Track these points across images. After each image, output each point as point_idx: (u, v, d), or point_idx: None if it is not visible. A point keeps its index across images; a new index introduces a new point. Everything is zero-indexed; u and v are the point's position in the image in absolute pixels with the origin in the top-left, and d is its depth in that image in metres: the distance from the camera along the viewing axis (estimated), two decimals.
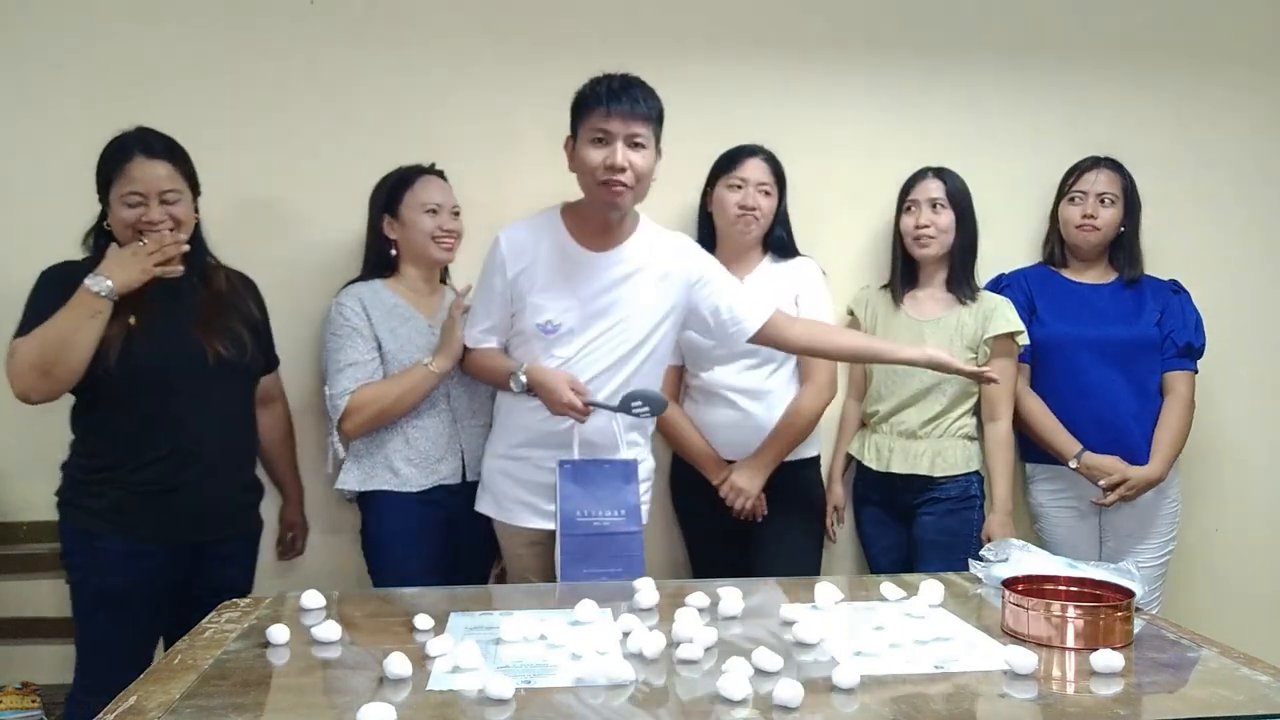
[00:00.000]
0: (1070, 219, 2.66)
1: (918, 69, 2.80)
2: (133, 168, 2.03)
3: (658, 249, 2.18)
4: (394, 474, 2.28)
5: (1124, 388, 2.60)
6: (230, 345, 2.11)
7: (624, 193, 2.03)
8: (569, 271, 2.12)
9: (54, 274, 2.06)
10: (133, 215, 2.03)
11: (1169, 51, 2.88)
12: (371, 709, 1.23)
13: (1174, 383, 2.63)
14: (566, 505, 2.08)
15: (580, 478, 2.10)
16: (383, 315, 2.30)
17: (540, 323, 2.11)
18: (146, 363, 2.01)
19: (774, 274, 2.49)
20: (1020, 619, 1.56)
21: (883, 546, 2.59)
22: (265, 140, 2.55)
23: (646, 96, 2.03)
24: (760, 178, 2.43)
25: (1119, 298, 2.66)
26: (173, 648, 1.55)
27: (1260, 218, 2.93)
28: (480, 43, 2.64)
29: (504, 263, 2.13)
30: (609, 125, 1.99)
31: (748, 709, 1.29)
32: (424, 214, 2.33)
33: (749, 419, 2.42)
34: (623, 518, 2.09)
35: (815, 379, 2.46)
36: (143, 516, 2.03)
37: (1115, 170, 2.66)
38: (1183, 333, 2.63)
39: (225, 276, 2.21)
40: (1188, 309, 2.67)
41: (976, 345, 2.52)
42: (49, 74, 2.50)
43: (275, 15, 2.57)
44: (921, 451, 2.51)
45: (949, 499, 2.50)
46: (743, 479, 2.40)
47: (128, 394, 2.02)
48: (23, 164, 2.49)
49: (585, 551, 2.06)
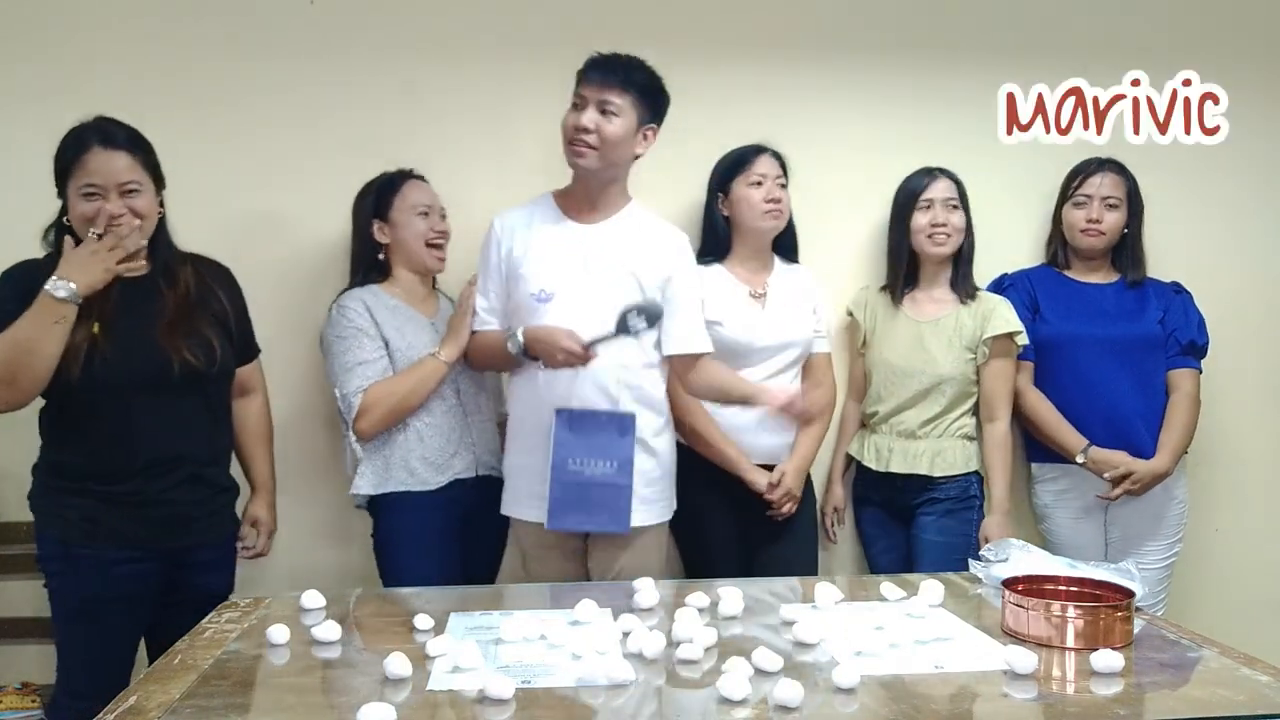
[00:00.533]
0: (1074, 223, 2.65)
1: (915, 69, 2.79)
2: (90, 159, 1.95)
3: (649, 227, 2.24)
4: (410, 474, 2.27)
5: (1129, 385, 2.59)
6: (198, 352, 2.01)
7: (586, 153, 2.10)
8: (559, 242, 2.18)
9: (13, 274, 1.98)
10: (90, 208, 1.94)
11: (1168, 51, 2.87)
12: (371, 709, 1.23)
13: (1179, 380, 2.63)
14: (560, 451, 2.08)
15: (576, 426, 2.10)
16: (387, 315, 2.30)
17: (534, 291, 2.14)
18: (110, 377, 1.93)
19: (789, 279, 2.53)
20: (1020, 619, 1.56)
21: (882, 547, 2.59)
22: (260, 142, 2.55)
23: (628, 68, 2.10)
24: (777, 172, 2.47)
25: (1122, 297, 2.65)
26: (172, 648, 1.55)
27: (1261, 217, 2.93)
28: (477, 44, 2.64)
29: (498, 240, 2.20)
30: (584, 90, 2.10)
31: (748, 709, 1.29)
32: (415, 216, 2.35)
33: (770, 422, 2.41)
34: (614, 469, 2.09)
35: (824, 385, 2.55)
36: (117, 526, 1.97)
37: (1119, 173, 2.65)
38: (1185, 331, 2.63)
39: (193, 270, 2.10)
40: (1190, 309, 2.66)
41: (975, 345, 2.53)
42: (36, 72, 2.49)
43: (272, 16, 2.56)
44: (921, 451, 2.51)
45: (949, 499, 2.51)
46: (793, 481, 2.44)
47: (91, 407, 1.95)
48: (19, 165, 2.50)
49: (573, 499, 2.07)
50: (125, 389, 1.95)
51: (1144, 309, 2.64)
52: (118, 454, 1.97)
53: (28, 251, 2.06)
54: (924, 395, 2.53)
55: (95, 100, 2.23)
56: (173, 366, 1.98)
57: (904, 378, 2.53)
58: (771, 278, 2.51)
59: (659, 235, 2.24)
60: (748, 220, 2.46)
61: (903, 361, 2.54)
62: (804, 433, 2.47)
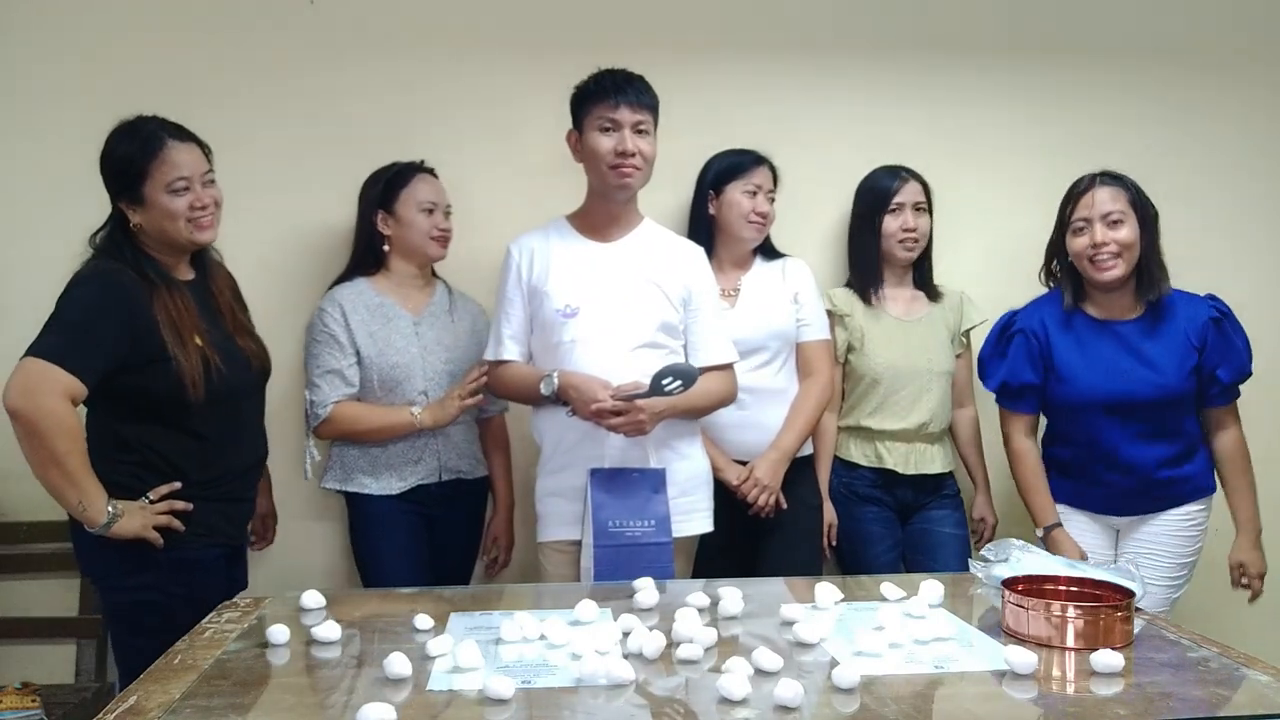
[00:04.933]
0: (1080, 252, 2.31)
1: (908, 68, 2.80)
2: (170, 153, 1.93)
3: (667, 241, 2.26)
4: (373, 478, 2.34)
5: (1156, 447, 2.32)
6: (260, 350, 2.11)
7: (634, 174, 2.13)
8: (581, 262, 2.18)
9: (97, 292, 1.88)
10: (183, 203, 1.93)
11: (1166, 51, 2.87)
12: (371, 709, 1.23)
13: (1223, 420, 2.37)
14: (599, 514, 2.07)
15: (611, 487, 2.10)
16: (363, 319, 2.32)
17: (559, 307, 2.15)
18: (225, 386, 1.96)
19: (769, 274, 2.52)
20: (1020, 619, 1.56)
21: (885, 546, 2.58)
22: (262, 137, 2.55)
23: (647, 89, 2.16)
24: (770, 185, 2.50)
25: (1146, 341, 2.32)
26: (172, 648, 1.55)
27: (1262, 217, 2.93)
28: (478, 42, 2.64)
29: (518, 264, 2.20)
30: (617, 115, 2.11)
31: (748, 709, 1.29)
32: (420, 213, 2.36)
33: (754, 418, 2.42)
34: (653, 528, 2.09)
35: (818, 374, 2.49)
36: (211, 524, 1.99)
37: (1115, 183, 2.32)
38: (1229, 368, 2.32)
39: (226, 273, 2.17)
40: (1233, 337, 2.33)
41: (955, 338, 2.62)
42: (42, 72, 2.50)
43: (273, 16, 2.57)
44: (933, 450, 2.55)
45: (955, 494, 2.58)
46: (765, 473, 2.38)
47: (209, 414, 1.95)
48: (20, 166, 2.50)
49: (618, 562, 2.05)
50: (236, 396, 2.01)
51: (1172, 352, 2.31)
52: (228, 454, 2.01)
53: (40, 248, 2.08)
54: (927, 393, 2.55)
55: (96, 100, 2.24)
56: (252, 366, 2.05)
57: (909, 378, 2.54)
58: (747, 276, 2.51)
59: (677, 249, 2.26)
60: (733, 226, 2.48)
61: (905, 361, 2.54)
62: (786, 426, 2.42)
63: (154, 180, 1.92)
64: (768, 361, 2.45)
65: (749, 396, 2.41)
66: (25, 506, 2.49)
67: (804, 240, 2.66)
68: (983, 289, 2.69)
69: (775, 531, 2.43)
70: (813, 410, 2.46)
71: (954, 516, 2.57)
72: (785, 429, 2.43)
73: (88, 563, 2.02)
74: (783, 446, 2.41)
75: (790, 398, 2.47)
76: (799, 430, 2.43)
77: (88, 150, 1.98)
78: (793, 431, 2.42)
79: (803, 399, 2.46)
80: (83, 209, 2.02)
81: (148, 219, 1.95)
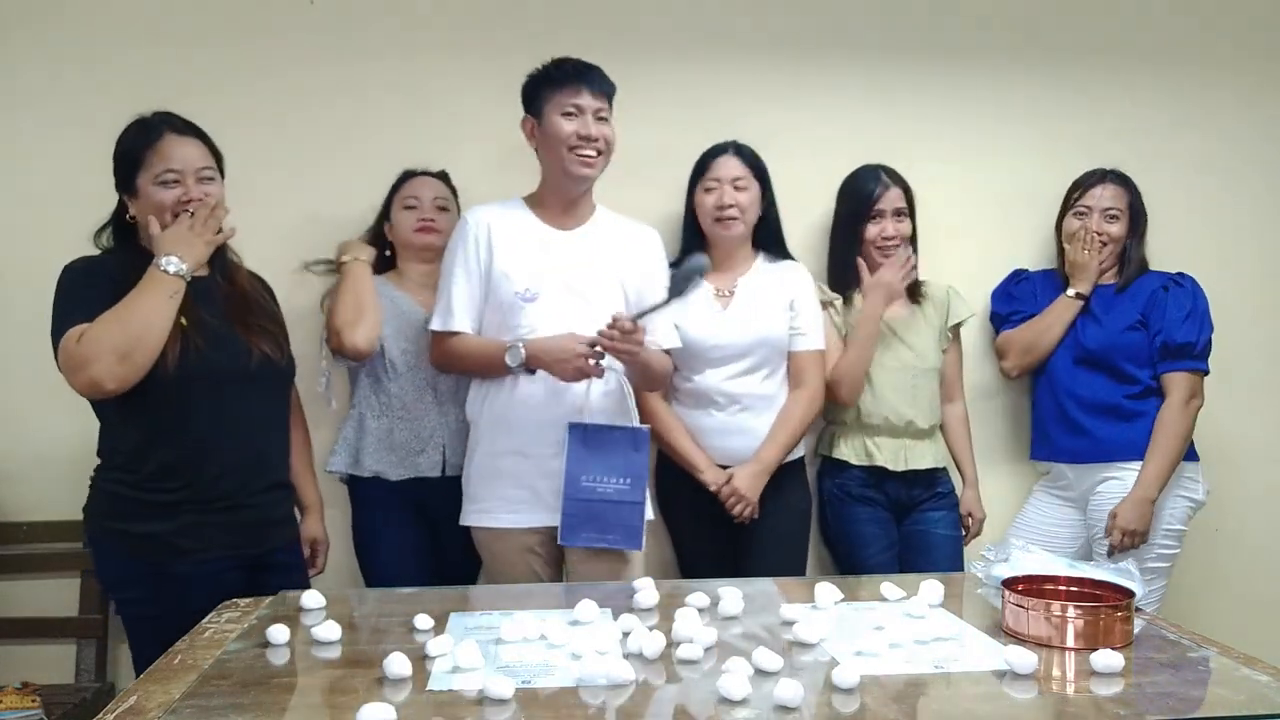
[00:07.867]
0: (1074, 233, 2.62)
1: (903, 68, 2.80)
2: (165, 145, 1.91)
3: (623, 228, 2.27)
4: (377, 460, 2.34)
5: (1103, 393, 2.56)
6: (270, 345, 2.01)
7: (595, 159, 2.15)
8: (539, 246, 2.19)
9: (82, 267, 1.92)
10: (170, 196, 1.90)
11: (1165, 51, 2.87)
12: (371, 709, 1.23)
13: (1167, 386, 2.55)
14: (573, 467, 2.07)
15: (590, 442, 2.09)
16: (387, 305, 2.36)
17: (518, 290, 2.14)
18: (204, 367, 1.89)
19: (768, 276, 2.49)
20: (1020, 619, 1.56)
21: (881, 546, 2.57)
22: (262, 137, 2.55)
23: (605, 77, 2.19)
24: (735, 173, 2.42)
25: (1105, 302, 2.61)
26: (172, 648, 1.55)
27: (1261, 217, 2.93)
28: (479, 42, 2.65)
29: (475, 236, 2.19)
30: (580, 100, 2.13)
31: (748, 709, 1.29)
32: (403, 210, 2.41)
33: (739, 424, 2.41)
34: (627, 486, 2.08)
35: (807, 385, 2.46)
36: (213, 535, 1.92)
37: (1121, 184, 2.62)
38: (1170, 331, 2.53)
39: (247, 274, 2.12)
40: (1178, 304, 2.55)
41: (941, 334, 2.62)
42: (52, 78, 2.50)
43: (275, 18, 2.57)
44: (926, 447, 2.56)
45: (949, 492, 2.58)
46: (744, 484, 2.37)
47: (187, 399, 1.89)
48: (29, 167, 2.50)
49: (586, 517, 2.06)
50: (219, 380, 1.92)
51: (1120, 311, 2.58)
52: (214, 449, 1.92)
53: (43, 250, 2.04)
54: (920, 391, 2.56)
55: (95, 101, 2.24)
56: (253, 356, 1.96)
57: (902, 376, 2.54)
58: (744, 277, 2.47)
59: (634, 235, 2.27)
60: (703, 225, 2.46)
61: (895, 361, 2.55)
62: (769, 438, 2.40)
63: (147, 171, 1.92)
64: (754, 368, 2.42)
65: (732, 402, 2.40)
66: (25, 506, 2.49)
67: (792, 239, 2.63)
68: (967, 289, 2.71)
69: (761, 533, 2.42)
70: (798, 422, 2.44)
71: (950, 518, 2.57)
72: (768, 441, 2.40)
73: (102, 570, 2.01)
74: (764, 459, 2.39)
75: (773, 406, 2.44)
76: (781, 443, 2.41)
77: (88, 151, 1.99)
78: (775, 444, 2.40)
79: (789, 410, 2.44)
80: (87, 210, 2.02)
81: (139, 210, 1.94)
